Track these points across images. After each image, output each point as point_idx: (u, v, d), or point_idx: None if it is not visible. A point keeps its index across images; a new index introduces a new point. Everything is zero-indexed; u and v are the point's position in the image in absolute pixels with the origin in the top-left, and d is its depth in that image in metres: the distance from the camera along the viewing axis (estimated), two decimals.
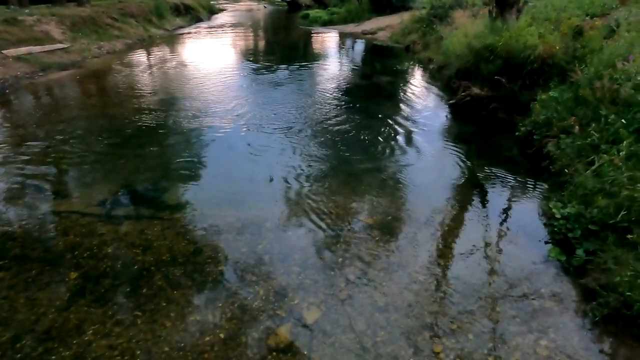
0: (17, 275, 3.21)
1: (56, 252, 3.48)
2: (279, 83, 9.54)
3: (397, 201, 4.42)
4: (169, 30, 18.81)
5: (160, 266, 3.32)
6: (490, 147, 5.87)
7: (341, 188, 4.62)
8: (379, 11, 19.86)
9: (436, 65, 9.88)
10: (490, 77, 6.68)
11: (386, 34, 16.11)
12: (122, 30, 15.09)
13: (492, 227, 3.92)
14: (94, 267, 3.29)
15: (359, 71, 11.45)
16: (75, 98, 8.48)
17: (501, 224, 3.98)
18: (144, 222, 3.94)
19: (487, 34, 6.96)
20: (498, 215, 4.13)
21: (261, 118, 6.89)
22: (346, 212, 4.13)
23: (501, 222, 4.01)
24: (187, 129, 6.46)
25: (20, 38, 10.72)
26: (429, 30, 12.42)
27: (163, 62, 12.15)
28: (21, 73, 9.37)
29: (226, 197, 4.46)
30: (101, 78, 10.02)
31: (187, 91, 8.73)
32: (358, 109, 7.58)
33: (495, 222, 3.99)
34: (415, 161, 5.37)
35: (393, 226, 3.94)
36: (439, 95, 8.28)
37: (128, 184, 4.74)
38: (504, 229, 3.91)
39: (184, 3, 24.40)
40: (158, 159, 5.42)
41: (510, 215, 4.16)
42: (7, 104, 7.81)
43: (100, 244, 3.58)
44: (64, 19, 12.84)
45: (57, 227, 3.83)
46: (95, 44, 12.81)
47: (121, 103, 7.86)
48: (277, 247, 3.59)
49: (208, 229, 3.84)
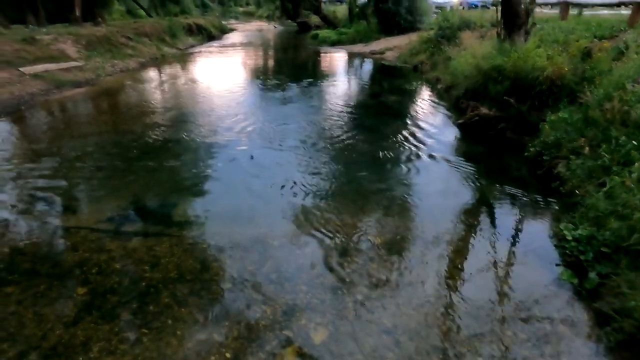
0: (26, 290, 3.22)
1: (65, 268, 3.49)
2: (288, 101, 9.66)
3: (406, 220, 4.40)
4: (181, 49, 19.22)
5: (167, 283, 3.31)
6: (499, 167, 5.84)
7: (349, 206, 4.61)
8: (387, 32, 20.13)
9: (444, 85, 9.94)
10: (499, 98, 6.70)
11: (394, 54, 16.30)
12: (136, 49, 15.45)
13: (502, 247, 3.87)
14: (101, 283, 3.30)
15: (367, 90, 11.55)
16: (87, 115, 8.63)
17: (511, 245, 3.93)
18: (153, 239, 3.95)
19: (496, 55, 7.01)
20: (508, 236, 4.08)
21: (270, 135, 6.96)
22: (354, 231, 4.11)
23: (511, 243, 3.96)
24: (196, 145, 6.54)
25: (37, 56, 11.02)
26: (437, 51, 12.54)
27: (174, 79, 12.38)
28: (37, 90, 9.59)
29: (234, 214, 4.47)
30: (114, 95, 10.22)
31: (197, 108, 8.87)
32: (366, 128, 7.62)
33: (505, 243, 3.94)
34: (423, 180, 5.36)
35: (401, 246, 3.91)
36: (447, 114, 8.30)
37: (137, 199, 4.78)
38: (514, 249, 3.86)
39: (197, 23, 25.02)
40: (167, 175, 5.47)
41: (520, 236, 4.12)
42: (22, 120, 7.98)
43: (109, 259, 3.60)
44: (79, 38, 13.19)
45: (67, 242, 3.85)
46: (109, 62, 13.11)
47: (132, 120, 7.99)
48: (284, 265, 3.57)
49: (215, 246, 3.84)
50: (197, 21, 26.29)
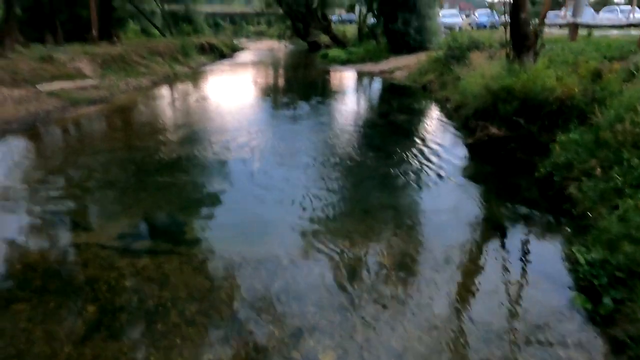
0: (36, 307, 3.24)
1: (75, 285, 3.52)
2: (298, 118, 9.75)
3: (414, 241, 4.37)
4: (193, 68, 19.58)
5: (176, 302, 3.31)
6: (509, 187, 5.80)
7: (357, 226, 4.60)
8: (396, 51, 20.34)
9: (453, 104, 9.97)
10: (508, 118, 6.70)
11: (403, 73, 16.43)
12: (149, 67, 15.79)
13: (512, 269, 3.82)
14: (111, 301, 3.31)
15: (376, 109, 11.63)
16: (101, 132, 8.80)
17: (522, 267, 3.88)
18: (162, 256, 3.97)
19: (505, 76, 7.04)
20: (519, 258, 4.03)
21: (279, 153, 7.02)
22: (362, 251, 4.09)
23: (522, 265, 3.91)
24: (206, 162, 6.62)
25: (54, 74, 11.31)
26: (446, 71, 12.62)
27: (186, 97, 12.59)
28: (52, 107, 9.82)
29: (243, 232, 4.49)
30: (126, 113, 10.42)
31: (208, 125, 8.99)
32: (375, 147, 7.65)
33: (516, 265, 3.89)
34: (432, 200, 5.34)
35: (410, 267, 3.88)
36: (456, 134, 8.31)
37: (148, 217, 4.82)
38: (525, 272, 3.81)
39: (209, 42, 25.54)
40: (177, 192, 5.53)
41: (531, 258, 4.06)
42: (36, 137, 8.16)
43: (119, 277, 3.62)
44: (95, 57, 13.54)
45: (78, 259, 3.89)
46: (123, 80, 13.40)
47: (144, 137, 8.12)
48: (293, 285, 3.56)
49: (224, 265, 3.85)
50: (210, 40, 26.85)
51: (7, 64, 10.46)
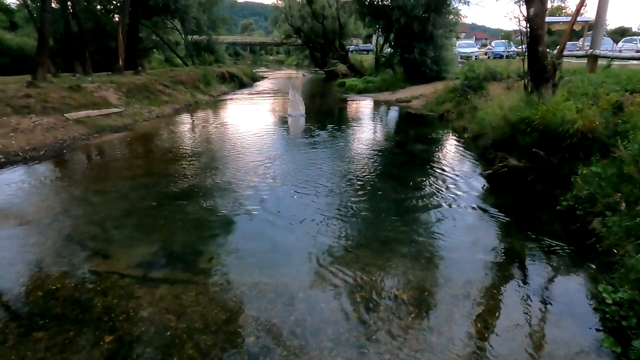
0: (55, 336, 3.27)
1: (94, 314, 3.54)
2: (315, 147, 9.85)
3: (433, 275, 4.29)
4: (213, 96, 20.11)
5: (192, 334, 3.30)
6: (530, 220, 5.69)
7: (374, 258, 4.55)
8: (413, 81, 20.58)
9: (471, 134, 9.95)
10: (528, 149, 6.65)
11: (420, 102, 16.55)
12: (172, 96, 16.28)
13: (535, 307, 3.70)
14: (128, 332, 3.32)
15: (393, 138, 11.67)
16: (123, 159, 9.04)
17: (545, 305, 3.75)
18: (179, 286, 3.99)
19: (523, 107, 7.03)
20: (541, 295, 3.91)
21: (296, 181, 7.06)
22: (380, 285, 4.04)
23: (545, 303, 3.78)
24: (224, 190, 6.69)
25: (81, 103, 11.76)
26: (463, 100, 12.67)
27: (206, 125, 12.89)
28: (78, 134, 10.17)
29: (260, 262, 4.49)
30: (148, 140, 10.69)
31: (227, 153, 9.15)
32: (393, 176, 7.64)
33: (538, 302, 3.77)
34: (450, 232, 5.26)
35: (428, 302, 3.80)
36: (474, 164, 8.25)
37: (166, 245, 4.87)
38: (548, 310, 3.68)
39: (229, 71, 26.28)
40: (195, 221, 5.59)
41: (554, 295, 3.93)
42: (62, 163, 8.42)
43: (136, 307, 3.63)
44: (121, 86, 14.05)
45: (97, 288, 3.93)
46: (147, 108, 13.84)
47: (165, 164, 8.30)
48: (309, 319, 3.52)
49: (241, 296, 3.83)
50: (230, 69, 27.66)
51: (38, 92, 10.93)
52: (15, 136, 8.86)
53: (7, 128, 8.99)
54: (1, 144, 8.32)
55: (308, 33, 36.00)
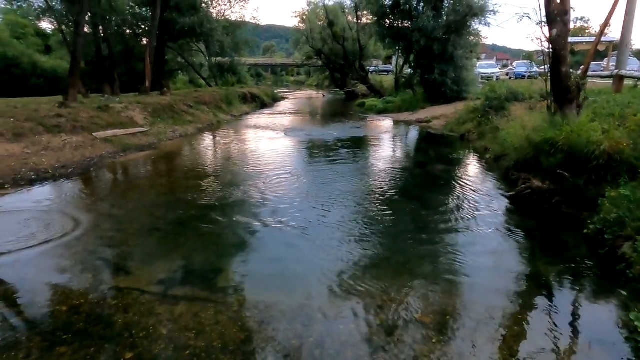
0: (78, 352, 3.31)
1: (115, 330, 3.58)
2: (335, 167, 9.88)
3: (454, 298, 4.20)
4: (235, 116, 20.52)
5: (210, 353, 3.30)
6: (555, 243, 5.53)
7: (394, 280, 4.49)
8: (433, 101, 20.57)
9: (493, 154, 9.83)
10: (552, 171, 6.51)
11: (440, 122, 16.49)
12: (195, 116, 16.69)
13: (561, 335, 3.56)
14: (148, 349, 3.34)
15: (413, 158, 11.63)
16: (147, 177, 9.25)
17: (573, 333, 3.61)
18: (199, 304, 4.00)
19: (547, 128, 6.92)
20: (568, 322, 3.77)
21: (316, 201, 7.07)
22: (400, 307, 3.96)
23: (572, 331, 3.64)
24: (244, 207, 6.77)
25: (109, 122, 12.16)
26: (485, 121, 12.57)
27: (227, 144, 13.11)
28: (105, 153, 10.50)
29: (278, 282, 4.48)
30: (172, 159, 10.95)
31: (247, 172, 9.27)
32: (413, 197, 7.58)
33: (565, 330, 3.63)
34: (472, 255, 5.15)
35: (450, 326, 3.70)
36: (496, 185, 8.12)
37: (186, 263, 4.92)
38: (576, 338, 3.54)
39: (251, 92, 26.83)
40: (215, 239, 5.65)
41: (582, 323, 3.78)
42: (89, 181, 8.68)
43: (156, 324, 3.66)
44: (147, 106, 14.50)
45: (119, 304, 3.98)
46: (171, 128, 14.21)
47: (187, 182, 8.46)
48: (328, 341, 3.47)
49: (259, 316, 3.82)
50: (252, 90, 28.24)
51: (69, 112, 11.37)
52: (46, 154, 9.19)
53: (39, 146, 9.35)
54: (33, 162, 8.65)
55: (329, 54, 36.59)
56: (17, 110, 10.82)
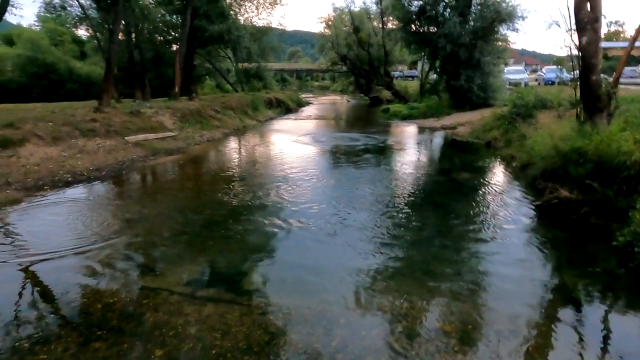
0: (112, 347, 3.49)
1: (146, 328, 3.75)
2: (358, 173, 9.95)
3: (477, 308, 4.19)
4: (261, 121, 20.85)
5: (236, 353, 3.41)
6: (583, 255, 5.43)
7: (417, 288, 4.51)
8: (459, 107, 20.34)
9: (519, 163, 9.68)
10: (580, 180, 6.39)
11: (466, 129, 16.30)
12: (222, 120, 17.07)
13: (589, 350, 3.50)
14: (177, 347, 3.49)
15: (438, 165, 11.56)
16: (176, 180, 9.55)
17: (602, 349, 3.53)
18: (225, 306, 4.14)
19: (575, 137, 6.80)
20: (595, 336, 3.71)
21: (339, 206, 7.16)
22: (422, 315, 4.00)
23: (599, 345, 3.58)
24: (269, 211, 6.92)
25: (140, 127, 12.61)
26: (511, 128, 12.37)
27: (253, 149, 13.38)
28: (136, 156, 10.89)
29: (301, 286, 4.58)
30: (199, 163, 11.26)
31: (272, 177, 9.45)
32: (437, 205, 7.57)
33: (592, 343, 3.57)
34: (496, 264, 5.12)
35: (473, 336, 3.71)
36: (522, 195, 7.99)
37: (213, 265, 5.09)
38: (605, 353, 3.47)
39: (276, 97, 27.20)
40: (241, 242, 5.80)
41: (612, 337, 3.72)
42: (121, 183, 9.03)
43: (185, 324, 3.81)
44: (176, 111, 14.95)
45: (150, 303, 4.16)
46: (199, 132, 14.60)
47: (214, 185, 8.71)
48: (350, 346, 3.54)
49: (283, 319, 3.92)
50: (277, 95, 28.63)
51: (103, 117, 11.86)
52: (81, 157, 9.62)
53: (75, 149, 9.79)
54: (69, 164, 9.07)
55: (354, 60, 36.67)
56: (55, 114, 11.36)
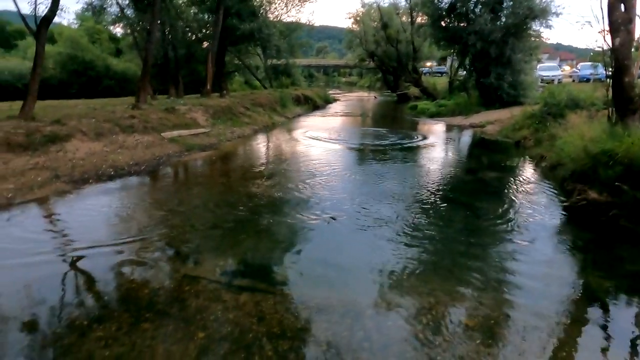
0: (158, 328, 3.84)
1: (189, 312, 4.09)
2: (385, 171, 10.11)
3: (501, 305, 4.32)
4: (289, 118, 21.19)
5: (271, 337, 3.70)
6: (611, 258, 5.46)
7: (442, 284, 4.68)
8: (489, 105, 20.08)
9: (549, 163, 9.62)
10: (610, 183, 6.37)
11: (495, 127, 16.14)
12: (251, 117, 17.50)
13: (617, 351, 3.59)
14: (217, 330, 3.81)
15: (465, 164, 11.57)
16: (209, 175, 9.98)
17: (628, 350, 3.62)
18: (259, 295, 4.44)
19: (606, 139, 6.77)
20: (625, 344, 3.73)
21: (366, 201, 7.38)
22: (446, 310, 4.17)
23: (630, 352, 3.63)
24: (298, 208, 7.18)
25: (175, 123, 13.14)
26: (542, 127, 12.23)
27: (282, 145, 13.72)
28: (172, 152, 11.39)
29: (330, 279, 4.83)
30: (231, 159, 11.67)
31: (301, 173, 9.73)
32: (462, 203, 7.66)
33: (621, 346, 3.64)
34: (522, 264, 5.21)
35: (496, 331, 3.86)
36: (551, 196, 7.99)
37: (246, 257, 5.41)
38: (631, 356, 3.55)
39: (304, 94, 27.49)
40: (271, 235, 6.11)
41: (636, 340, 3.79)
42: (159, 177, 9.52)
43: (223, 309, 4.13)
44: (208, 108, 15.45)
45: (191, 290, 4.50)
46: (230, 129, 15.04)
47: (245, 181, 9.06)
48: (376, 335, 3.77)
49: (314, 308, 4.18)
50: (305, 92, 28.92)
51: (140, 114, 12.44)
52: (121, 152, 10.18)
53: (115, 145, 10.36)
54: (111, 159, 9.62)
55: (381, 57, 36.58)
56: (97, 111, 12.01)
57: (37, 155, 8.55)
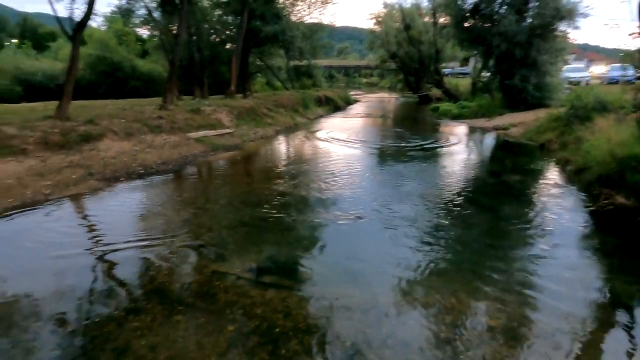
0: (190, 321, 4.04)
1: (219, 306, 4.28)
2: (406, 172, 10.16)
3: (524, 307, 4.36)
4: (310, 119, 21.38)
5: (297, 332, 3.85)
6: (637, 263, 5.40)
7: (464, 285, 4.74)
8: (513, 107, 19.79)
9: (574, 167, 9.48)
10: (637, 188, 6.29)
11: (519, 130, 15.93)
12: (274, 118, 17.76)
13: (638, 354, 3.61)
14: (245, 324, 3.98)
15: (488, 167, 11.50)
16: (234, 175, 10.23)
17: None
18: (285, 291, 4.59)
19: (634, 143, 6.67)
20: None
21: (388, 202, 7.47)
22: (468, 310, 4.24)
23: None
24: (320, 207, 7.34)
25: (200, 124, 13.48)
26: (568, 130, 12.03)
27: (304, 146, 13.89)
28: (197, 152, 11.72)
29: (353, 278, 4.94)
30: (254, 159, 11.92)
31: (323, 173, 9.87)
32: (485, 206, 7.66)
33: None
34: (546, 267, 5.22)
35: (518, 332, 3.91)
36: (576, 200, 7.89)
37: (271, 255, 5.57)
38: None
39: (325, 95, 27.65)
40: (296, 235, 6.26)
41: None
42: (185, 176, 9.83)
43: (251, 304, 4.30)
44: (232, 109, 15.77)
45: (220, 285, 4.69)
46: (253, 130, 15.33)
47: (269, 181, 9.26)
48: (398, 333, 3.87)
49: (338, 306, 4.31)
50: (326, 93, 29.09)
51: (168, 114, 12.82)
52: (150, 151, 10.54)
53: (144, 144, 10.73)
54: (140, 158, 9.97)
55: (403, 58, 36.37)
56: (126, 112, 12.43)
57: (72, 154, 8.95)
